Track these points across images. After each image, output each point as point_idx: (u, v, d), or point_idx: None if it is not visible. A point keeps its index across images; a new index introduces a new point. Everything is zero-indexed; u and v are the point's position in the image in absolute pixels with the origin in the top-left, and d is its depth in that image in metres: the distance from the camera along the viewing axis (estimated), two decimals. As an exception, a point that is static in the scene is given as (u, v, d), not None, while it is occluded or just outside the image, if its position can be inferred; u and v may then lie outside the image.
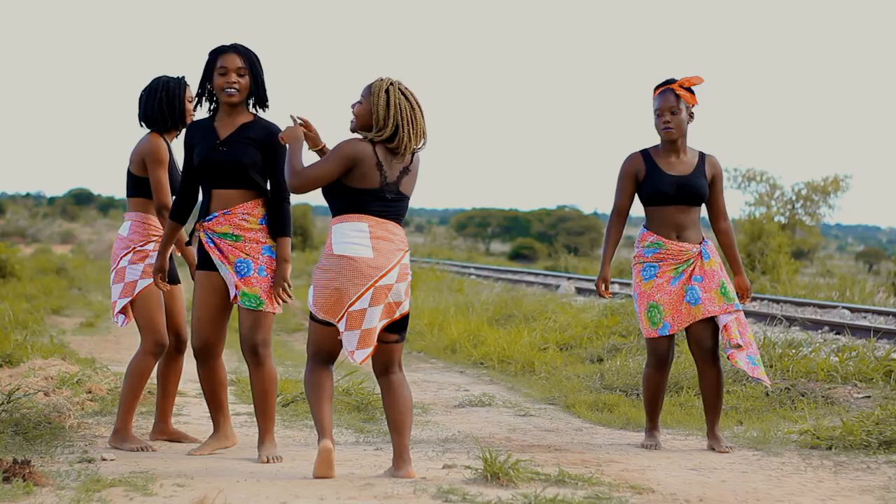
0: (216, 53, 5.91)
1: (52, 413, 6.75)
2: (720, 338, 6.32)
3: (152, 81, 6.39)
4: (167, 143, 6.35)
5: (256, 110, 5.97)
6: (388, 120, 5.34)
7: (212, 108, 5.99)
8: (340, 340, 5.35)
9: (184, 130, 6.26)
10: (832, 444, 6.21)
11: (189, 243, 6.20)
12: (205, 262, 5.89)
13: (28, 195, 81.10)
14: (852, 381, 8.39)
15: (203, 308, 5.88)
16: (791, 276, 25.73)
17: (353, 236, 5.30)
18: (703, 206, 6.47)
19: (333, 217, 5.41)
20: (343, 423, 7.19)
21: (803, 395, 7.92)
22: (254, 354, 5.81)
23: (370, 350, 5.28)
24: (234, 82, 5.85)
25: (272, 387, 5.88)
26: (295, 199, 5.87)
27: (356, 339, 5.27)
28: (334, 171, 5.33)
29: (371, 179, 5.33)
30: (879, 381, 8.31)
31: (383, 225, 5.35)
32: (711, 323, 6.33)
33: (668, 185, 6.34)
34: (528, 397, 8.79)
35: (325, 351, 5.42)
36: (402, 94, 5.38)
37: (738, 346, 6.25)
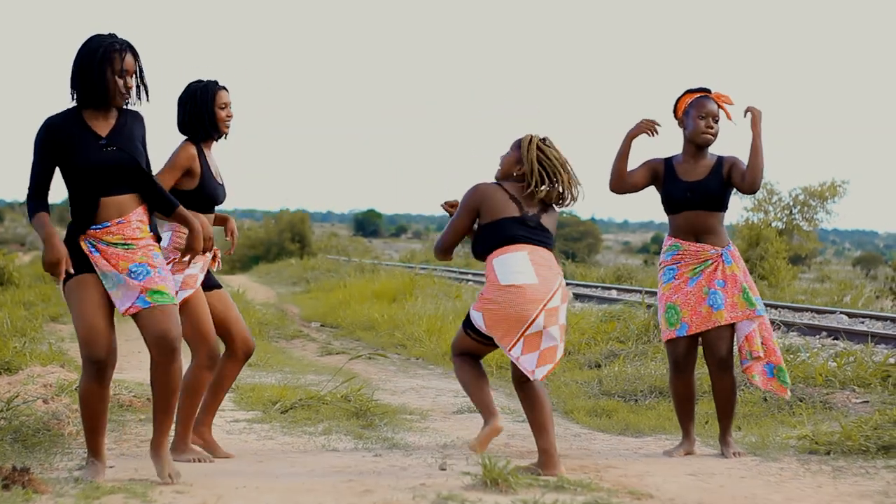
0: (113, 51, 5.20)
1: (51, 420, 6.75)
2: (741, 349, 6.31)
3: (185, 89, 6.24)
4: (201, 152, 6.16)
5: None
6: (537, 174, 5.72)
7: (77, 104, 5.27)
8: (488, 351, 5.80)
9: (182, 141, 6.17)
10: (831, 450, 6.21)
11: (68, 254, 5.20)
12: (80, 266, 5.19)
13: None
14: (850, 386, 8.40)
15: (95, 314, 5.17)
16: (789, 281, 25.79)
17: (516, 266, 5.64)
18: (726, 212, 6.43)
19: (490, 253, 5.73)
20: (342, 429, 7.19)
21: (801, 401, 7.93)
22: (172, 352, 5.16)
23: (551, 366, 5.65)
24: (131, 87, 5.26)
25: (179, 386, 5.30)
26: (293, 204, 5.82)
27: (535, 359, 5.61)
28: (465, 223, 5.79)
29: (508, 209, 5.70)
30: (877, 386, 8.32)
31: (537, 252, 5.71)
32: (728, 330, 6.31)
33: (681, 191, 6.36)
34: (527, 403, 8.78)
35: (473, 355, 5.83)
36: (548, 148, 5.77)
37: (758, 358, 6.26)
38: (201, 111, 6.18)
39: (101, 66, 5.17)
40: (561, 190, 5.75)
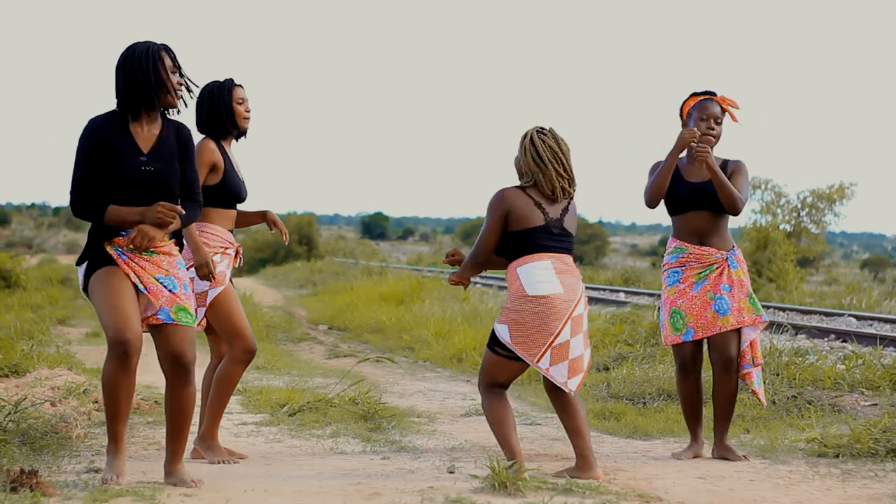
0: (160, 51, 5.23)
1: (59, 423, 6.75)
2: (744, 354, 6.29)
3: (201, 89, 6.25)
4: (222, 149, 6.18)
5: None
6: (528, 167, 5.70)
7: (124, 108, 5.23)
8: (518, 371, 5.72)
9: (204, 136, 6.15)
10: (840, 453, 6.20)
11: (79, 262, 5.29)
12: (106, 261, 5.18)
13: (33, 205, 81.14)
14: (859, 388, 8.38)
15: (124, 298, 5.10)
16: (797, 284, 25.78)
17: (541, 275, 5.62)
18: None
19: (513, 260, 5.70)
20: (350, 432, 7.19)
21: (810, 403, 7.91)
22: (186, 374, 5.18)
23: (582, 375, 5.67)
24: (182, 85, 5.31)
25: (194, 407, 5.28)
26: (300, 207, 5.81)
27: (566, 369, 5.61)
28: (497, 227, 5.70)
29: (534, 218, 5.66)
30: (886, 389, 8.30)
31: (560, 259, 5.70)
32: (736, 333, 6.29)
33: (686, 192, 6.33)
34: (535, 406, 8.78)
35: (501, 382, 5.75)
36: (543, 141, 5.69)
37: (758, 365, 6.27)
38: (219, 108, 6.21)
39: (156, 66, 5.18)
40: (553, 182, 5.66)
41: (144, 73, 5.18)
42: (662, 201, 6.43)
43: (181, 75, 5.32)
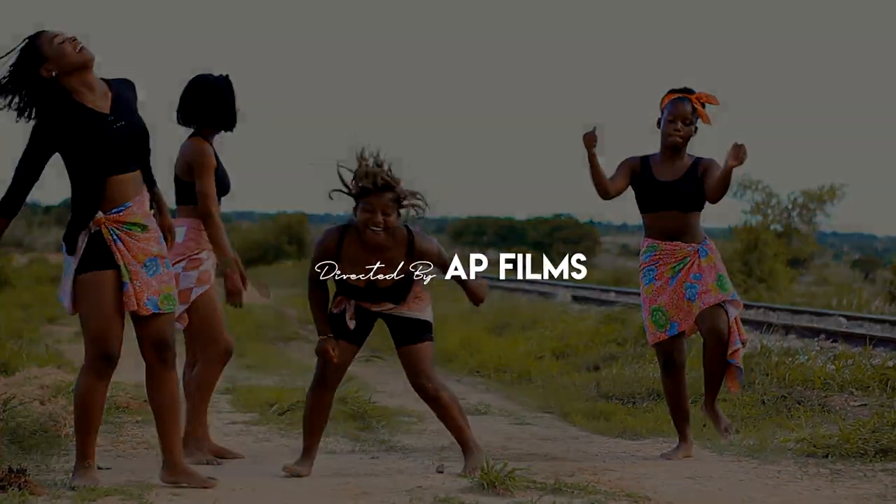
0: (41, 38, 5.00)
1: (48, 422, 6.73)
2: (732, 331, 6.23)
3: (196, 79, 6.10)
4: (211, 145, 6.08)
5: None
6: None
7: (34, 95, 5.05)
8: None
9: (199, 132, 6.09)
10: (829, 453, 6.20)
11: (71, 251, 5.20)
12: (99, 261, 5.05)
13: (24, 204, 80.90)
14: (849, 389, 8.39)
15: (113, 311, 5.05)
16: (787, 284, 25.79)
17: None
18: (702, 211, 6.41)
19: None
20: (339, 431, 7.18)
21: (800, 403, 7.92)
22: (171, 358, 5.12)
23: None
24: (77, 41, 5.01)
25: (178, 396, 5.22)
26: (290, 206, 5.77)
27: None
28: None
29: None
30: (876, 389, 8.31)
31: None
32: (721, 308, 6.22)
33: (656, 192, 6.34)
34: (525, 406, 8.78)
35: None
36: None
37: (744, 341, 6.27)
38: (220, 103, 6.05)
39: (36, 47, 4.99)
40: None
41: (32, 66, 5.00)
42: (636, 201, 6.42)
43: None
